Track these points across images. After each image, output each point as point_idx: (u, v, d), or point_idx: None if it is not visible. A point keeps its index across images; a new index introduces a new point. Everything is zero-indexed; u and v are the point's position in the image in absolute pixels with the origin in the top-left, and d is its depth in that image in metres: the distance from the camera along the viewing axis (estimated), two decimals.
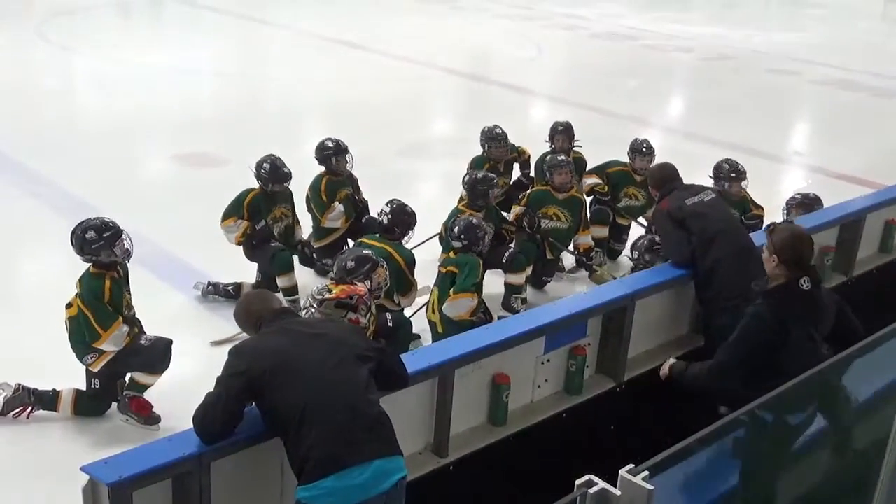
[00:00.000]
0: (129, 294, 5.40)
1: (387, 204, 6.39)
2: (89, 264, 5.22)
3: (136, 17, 21.57)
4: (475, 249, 6.03)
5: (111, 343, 5.15)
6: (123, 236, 5.24)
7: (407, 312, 6.21)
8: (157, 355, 5.24)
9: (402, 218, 6.26)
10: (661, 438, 2.84)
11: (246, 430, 3.54)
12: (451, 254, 6.09)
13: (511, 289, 6.80)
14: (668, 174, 5.77)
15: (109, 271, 5.20)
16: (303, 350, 3.51)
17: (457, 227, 6.09)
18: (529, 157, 8.36)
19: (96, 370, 5.26)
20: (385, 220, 6.25)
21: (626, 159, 7.88)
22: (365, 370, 3.54)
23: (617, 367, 5.08)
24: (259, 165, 6.88)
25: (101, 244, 5.15)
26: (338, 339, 3.64)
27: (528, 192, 7.52)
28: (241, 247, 6.92)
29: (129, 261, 5.36)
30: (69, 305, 5.23)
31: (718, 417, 3.07)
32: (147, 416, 5.30)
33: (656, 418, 4.87)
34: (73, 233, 5.22)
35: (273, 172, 6.85)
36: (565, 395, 4.89)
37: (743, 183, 7.16)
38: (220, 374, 3.54)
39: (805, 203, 6.76)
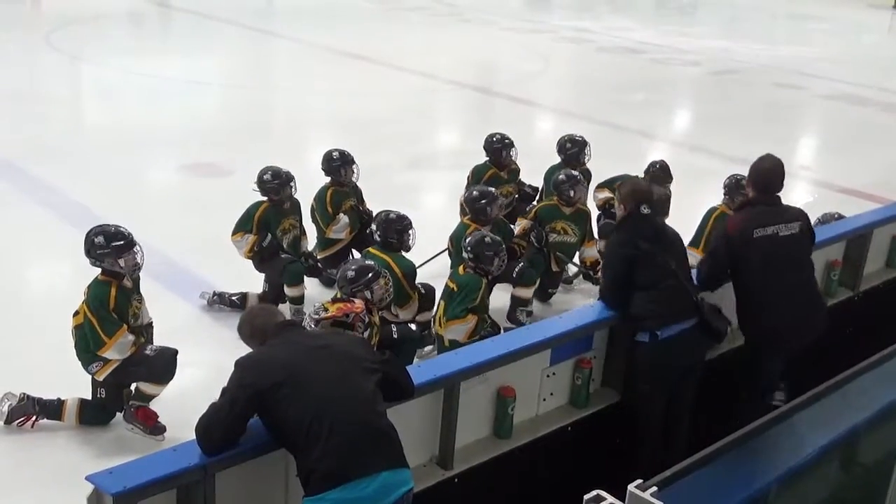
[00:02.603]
0: (139, 304, 5.40)
1: (373, 220, 6.40)
2: (99, 271, 5.22)
3: (145, 27, 21.67)
4: (482, 267, 5.92)
5: (115, 351, 5.15)
6: (135, 249, 5.22)
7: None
8: (162, 365, 5.23)
9: (390, 227, 6.22)
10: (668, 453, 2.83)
11: (250, 441, 3.53)
12: (461, 268, 6.05)
13: (518, 301, 6.79)
14: (773, 181, 5.40)
15: (117, 280, 5.20)
16: (309, 363, 3.50)
17: (468, 239, 6.06)
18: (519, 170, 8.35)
19: (101, 379, 5.26)
20: (377, 237, 6.25)
21: (635, 174, 7.85)
22: (371, 382, 3.53)
23: (622, 380, 5.05)
24: (262, 180, 6.87)
25: (106, 252, 5.15)
26: (344, 351, 3.63)
27: (536, 206, 7.51)
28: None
29: (135, 275, 5.35)
30: (76, 314, 5.23)
31: (727, 432, 3.07)
32: (152, 426, 5.29)
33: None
34: (87, 234, 5.24)
35: (277, 177, 6.85)
36: (571, 409, 4.87)
37: None
38: (225, 385, 3.53)
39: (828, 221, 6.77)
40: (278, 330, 3.70)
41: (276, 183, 6.84)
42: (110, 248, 5.15)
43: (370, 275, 5.23)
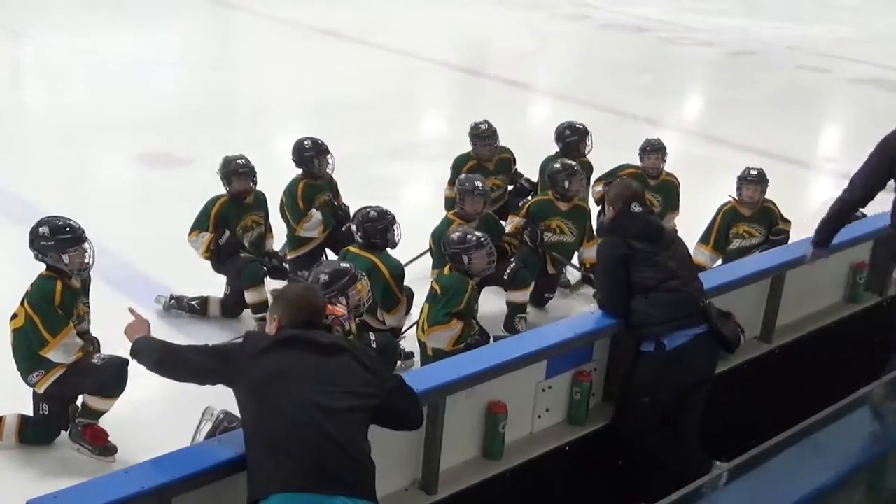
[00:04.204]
0: (87, 308, 5.41)
1: (351, 220, 6.42)
2: (43, 268, 5.22)
3: None
4: (460, 268, 5.98)
5: (60, 352, 5.14)
6: (85, 247, 5.23)
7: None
8: (110, 375, 5.21)
9: (372, 227, 6.24)
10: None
11: (211, 463, 3.55)
12: (447, 269, 6.10)
13: (514, 308, 6.82)
14: None
15: (64, 277, 5.21)
16: (304, 368, 3.58)
17: (447, 237, 6.10)
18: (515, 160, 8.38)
19: (42, 390, 5.24)
20: (359, 238, 6.28)
21: (637, 164, 7.92)
22: (363, 411, 3.57)
23: None
24: (223, 168, 6.92)
25: (50, 244, 5.15)
26: (347, 366, 3.66)
27: (529, 201, 7.54)
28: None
29: (82, 275, 5.35)
30: (14, 316, 5.23)
31: (741, 452, 3.11)
32: (102, 446, 5.29)
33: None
34: (35, 223, 5.26)
35: (226, 166, 6.87)
36: (568, 426, 4.90)
37: (755, 188, 7.16)
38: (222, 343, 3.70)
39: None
40: (299, 324, 3.75)
41: (225, 171, 6.83)
42: (55, 240, 5.16)
43: (346, 279, 5.23)
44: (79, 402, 5.37)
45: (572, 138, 8.05)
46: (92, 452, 5.28)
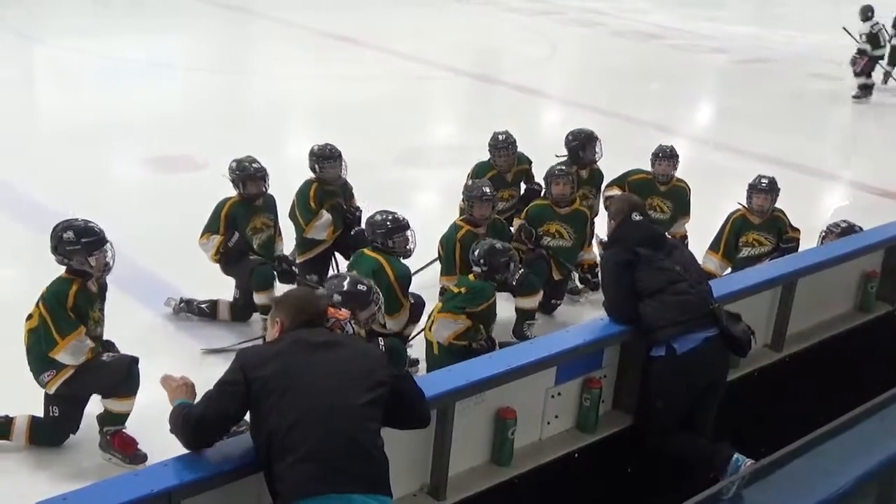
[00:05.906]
0: (102, 312, 5.42)
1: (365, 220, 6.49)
2: (63, 269, 5.24)
3: (105, 2, 21.65)
4: (498, 278, 6.03)
5: (69, 353, 5.14)
6: (106, 248, 5.27)
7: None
8: (119, 374, 5.22)
9: (372, 229, 6.24)
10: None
11: (220, 466, 3.55)
12: (472, 276, 6.13)
13: (523, 314, 6.81)
14: None
15: (82, 279, 5.22)
16: (307, 371, 3.57)
17: (477, 250, 6.12)
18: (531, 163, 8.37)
19: (53, 391, 5.25)
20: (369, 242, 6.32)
21: (649, 170, 7.91)
22: (370, 397, 3.56)
23: (635, 402, 5.08)
24: (229, 168, 6.94)
25: (76, 248, 5.18)
26: (351, 358, 3.68)
27: (529, 205, 7.56)
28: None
29: (103, 278, 5.38)
30: (30, 317, 5.24)
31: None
32: (132, 454, 5.28)
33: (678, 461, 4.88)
34: (54, 228, 5.28)
35: (241, 170, 6.86)
36: (578, 433, 4.89)
37: (766, 196, 7.15)
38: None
39: (847, 233, 6.77)
40: (301, 325, 3.77)
41: (239, 174, 6.84)
42: (80, 244, 5.18)
43: (356, 302, 5.13)
44: (94, 404, 5.37)
45: (578, 144, 8.01)
46: (122, 461, 5.28)
